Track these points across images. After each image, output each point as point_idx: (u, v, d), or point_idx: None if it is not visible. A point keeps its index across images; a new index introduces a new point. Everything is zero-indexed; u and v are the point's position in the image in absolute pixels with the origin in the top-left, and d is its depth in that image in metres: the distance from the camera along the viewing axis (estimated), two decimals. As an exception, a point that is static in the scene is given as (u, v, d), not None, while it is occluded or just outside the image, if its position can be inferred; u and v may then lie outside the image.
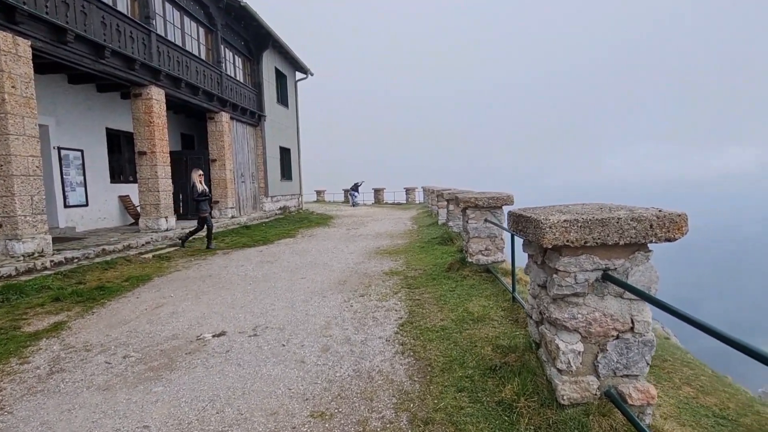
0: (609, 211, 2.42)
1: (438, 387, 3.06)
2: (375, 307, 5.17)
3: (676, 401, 5.40)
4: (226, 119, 15.02)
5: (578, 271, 2.40)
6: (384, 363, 3.56)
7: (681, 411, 4.59)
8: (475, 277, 6.01)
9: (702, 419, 4.89)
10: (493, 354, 3.29)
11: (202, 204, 9.89)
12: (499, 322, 4.22)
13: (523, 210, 2.83)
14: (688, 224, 2.27)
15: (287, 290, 6.21)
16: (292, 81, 22.18)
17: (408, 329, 4.30)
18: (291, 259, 8.84)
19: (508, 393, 2.70)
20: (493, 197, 5.94)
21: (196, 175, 10.00)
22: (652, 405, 2.44)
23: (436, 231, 11.81)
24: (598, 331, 2.43)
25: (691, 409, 5.15)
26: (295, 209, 21.58)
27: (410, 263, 7.80)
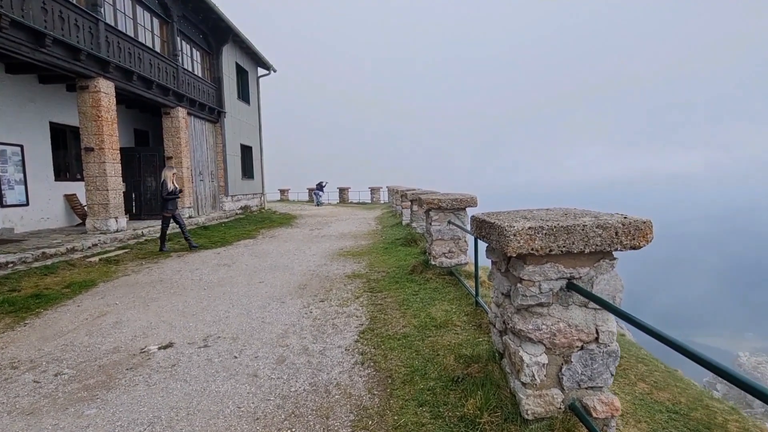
0: (574, 217, 2.33)
1: (398, 401, 2.91)
2: (335, 313, 4.97)
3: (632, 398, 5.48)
4: (183, 115, 14.38)
5: (543, 280, 2.30)
6: (342, 375, 3.38)
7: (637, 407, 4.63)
8: (438, 280, 5.91)
9: (656, 415, 4.97)
10: (455, 364, 3.17)
11: (168, 203, 9.62)
12: (462, 328, 4.12)
13: (486, 215, 2.72)
14: (653, 231, 2.21)
15: (244, 296, 5.92)
16: (254, 77, 21.57)
17: (369, 337, 4.14)
18: (250, 261, 8.50)
19: (470, 407, 2.58)
20: (457, 199, 5.85)
21: (170, 174, 9.71)
22: (616, 417, 2.38)
23: (400, 232, 11.71)
24: (563, 342, 2.33)
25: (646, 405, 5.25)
26: (257, 209, 21.01)
27: (373, 265, 7.64)
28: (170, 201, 9.63)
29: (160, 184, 9.71)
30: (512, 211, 2.84)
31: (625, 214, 2.32)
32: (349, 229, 14.19)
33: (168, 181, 9.61)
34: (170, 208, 9.66)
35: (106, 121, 10.50)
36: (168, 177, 9.65)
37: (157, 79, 12.74)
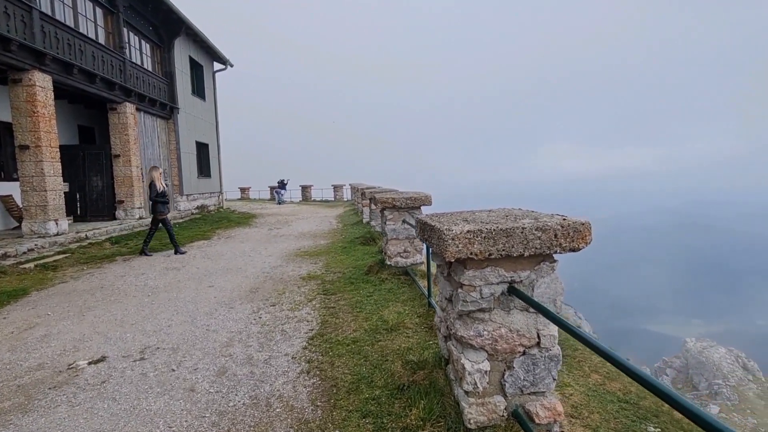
0: (514, 219, 2.26)
1: (342, 412, 2.78)
2: (286, 318, 4.78)
3: (585, 389, 5.58)
4: (132, 111, 13.68)
5: (484, 284, 2.22)
6: (286, 386, 3.21)
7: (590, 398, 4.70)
8: (393, 281, 5.82)
9: (608, 405, 5.08)
10: (402, 371, 3.06)
11: (159, 205, 9.18)
12: (414, 331, 4.03)
13: (428, 217, 2.62)
14: (591, 233, 2.16)
15: (191, 301, 5.63)
16: (209, 72, 20.82)
17: (318, 343, 3.98)
18: (201, 264, 8.14)
19: (413, 418, 2.48)
20: (411, 197, 5.77)
21: (156, 173, 9.22)
22: (558, 422, 2.33)
23: (360, 230, 11.57)
24: (505, 348, 2.27)
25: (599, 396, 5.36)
26: (215, 208, 20.35)
27: (330, 266, 7.46)
28: (160, 203, 9.18)
29: (147, 187, 9.26)
30: (456, 212, 2.76)
31: (565, 216, 2.27)
32: (309, 228, 13.93)
33: (156, 182, 9.14)
34: (160, 210, 9.21)
35: (43, 117, 9.80)
36: (155, 177, 9.17)
37: (101, 73, 12.03)
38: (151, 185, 9.15)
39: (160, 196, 9.15)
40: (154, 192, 9.12)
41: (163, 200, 9.24)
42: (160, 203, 9.18)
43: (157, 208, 9.19)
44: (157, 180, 9.17)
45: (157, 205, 9.18)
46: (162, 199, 9.19)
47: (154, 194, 9.12)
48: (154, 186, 9.14)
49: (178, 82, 16.96)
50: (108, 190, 13.50)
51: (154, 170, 9.31)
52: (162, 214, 9.24)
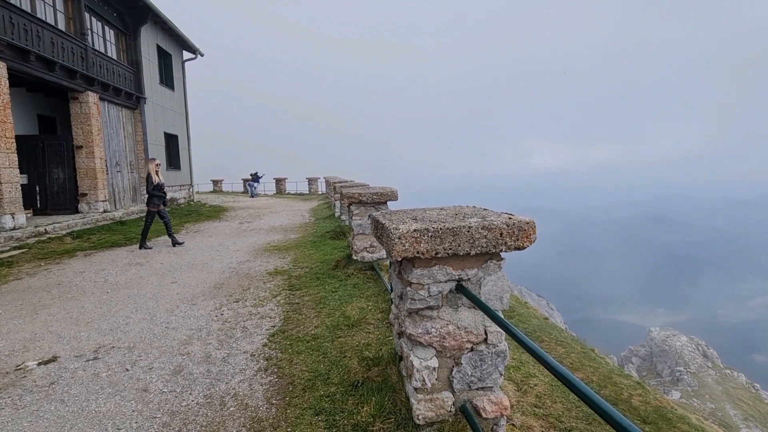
0: (462, 218, 2.28)
1: (296, 410, 2.77)
2: (248, 315, 4.73)
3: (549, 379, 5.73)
4: (95, 100, 13.20)
5: (432, 283, 2.24)
6: (242, 384, 3.18)
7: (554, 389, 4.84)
8: (359, 276, 5.82)
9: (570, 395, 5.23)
10: (358, 367, 3.08)
11: (154, 198, 9.18)
12: (375, 326, 4.05)
13: (381, 215, 2.62)
14: (536, 232, 2.20)
15: (151, 298, 5.50)
16: (178, 61, 20.26)
17: (278, 340, 3.96)
18: (166, 259, 7.96)
19: (364, 415, 2.49)
20: (377, 192, 5.77)
21: (153, 166, 9.24)
22: (505, 416, 2.39)
23: (332, 224, 11.52)
24: (453, 345, 2.30)
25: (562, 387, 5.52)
26: (185, 201, 19.91)
27: (298, 261, 7.42)
28: (156, 196, 9.16)
29: (145, 179, 9.36)
30: (408, 210, 2.77)
31: (511, 215, 2.31)
32: (280, 222, 13.79)
33: (153, 174, 9.12)
34: (155, 202, 9.19)
35: (-3, 105, 9.36)
36: (152, 170, 9.16)
37: (61, 60, 11.55)
38: (148, 177, 9.16)
39: (156, 189, 9.14)
40: (150, 184, 9.11)
41: (160, 193, 9.23)
42: (156, 196, 9.17)
43: (152, 200, 9.16)
44: (153, 172, 9.15)
45: (153, 198, 9.15)
46: (158, 192, 9.19)
47: (150, 186, 9.11)
48: (150, 178, 9.12)
49: (145, 71, 16.44)
50: (70, 183, 13.02)
51: (151, 162, 9.33)
52: (156, 207, 9.21)
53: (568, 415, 4.02)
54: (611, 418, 1.09)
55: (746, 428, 19.76)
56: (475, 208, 2.63)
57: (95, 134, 13.14)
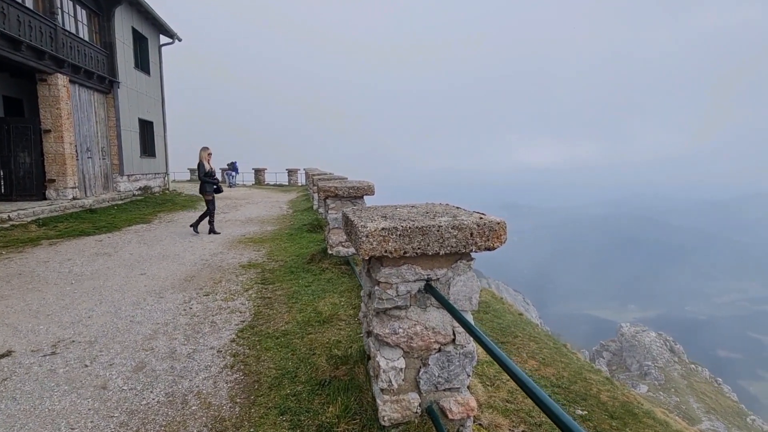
0: (433, 217, 2.24)
1: (260, 410, 2.70)
2: (218, 309, 4.62)
3: (522, 375, 5.78)
4: (64, 83, 12.69)
5: (400, 282, 2.19)
6: (207, 382, 3.09)
7: None
8: (334, 270, 5.75)
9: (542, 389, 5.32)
10: (326, 365, 3.02)
11: (206, 185, 9.40)
12: (347, 323, 3.99)
13: (352, 212, 2.55)
14: (506, 232, 2.17)
15: (118, 290, 5.33)
16: (155, 45, 19.64)
17: (247, 335, 3.87)
18: (136, 250, 7.73)
19: (329, 415, 2.44)
20: (353, 187, 5.69)
21: (204, 153, 9.40)
22: (471, 417, 2.37)
23: (310, 217, 11.39)
24: (420, 345, 2.26)
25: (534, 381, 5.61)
26: (160, 190, 19.42)
27: (273, 254, 7.29)
28: (207, 183, 9.36)
29: (197, 167, 9.53)
30: (379, 207, 2.71)
31: (482, 214, 2.27)
32: (258, 213, 13.57)
33: (204, 162, 9.33)
34: (207, 190, 9.41)
35: (-42, 85, 8.89)
36: (203, 157, 9.35)
37: (28, 40, 11.05)
38: (200, 165, 9.35)
39: (207, 176, 9.31)
40: (201, 171, 9.32)
41: (211, 180, 9.40)
42: (207, 182, 9.34)
43: (204, 187, 9.38)
44: (205, 160, 9.32)
45: (204, 185, 9.36)
46: (209, 180, 9.35)
47: (202, 173, 9.32)
48: (202, 166, 9.32)
49: (119, 55, 15.88)
50: (37, 168, 12.52)
51: (203, 150, 9.42)
52: (210, 194, 9.40)
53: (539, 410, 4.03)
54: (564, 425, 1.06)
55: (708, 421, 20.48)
56: (447, 207, 2.58)
57: (65, 118, 12.64)
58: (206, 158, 9.35)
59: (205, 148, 9.48)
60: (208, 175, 9.35)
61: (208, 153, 9.43)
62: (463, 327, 1.74)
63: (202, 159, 9.32)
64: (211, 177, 9.39)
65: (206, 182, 9.33)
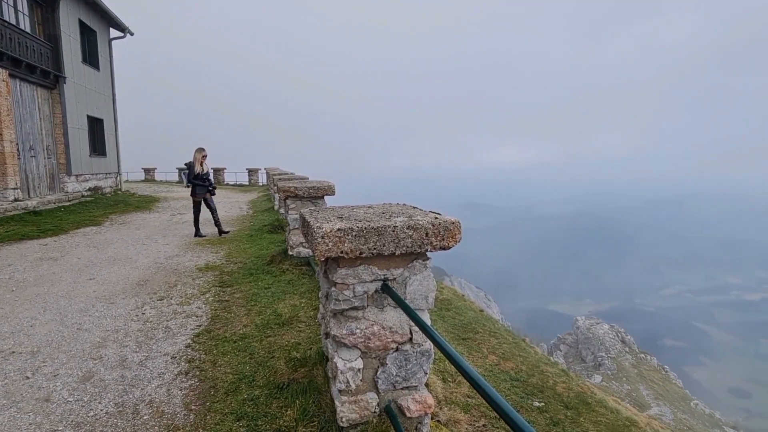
0: (389, 217, 2.25)
1: (216, 416, 2.63)
2: (173, 314, 4.47)
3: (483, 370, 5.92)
4: (3, 77, 11.88)
5: (357, 282, 2.19)
6: (160, 389, 2.99)
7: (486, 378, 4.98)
8: (294, 271, 5.68)
9: (501, 384, 5.45)
10: (285, 368, 2.98)
11: (196, 187, 9.18)
12: (307, 324, 3.96)
13: (308, 212, 2.53)
14: (461, 231, 2.21)
15: (64, 297, 5.05)
16: (104, 39, 18.73)
17: (203, 340, 3.76)
18: (85, 254, 7.36)
19: (287, 418, 2.41)
20: (314, 187, 5.64)
21: (198, 155, 9.13)
22: (429, 414, 2.40)
23: (270, 217, 11.20)
24: (378, 345, 2.27)
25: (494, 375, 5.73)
26: (111, 190, 18.55)
27: (232, 255, 7.13)
28: (197, 186, 9.15)
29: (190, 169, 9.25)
30: (336, 207, 2.71)
31: (438, 214, 2.31)
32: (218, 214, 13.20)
33: (196, 164, 9.10)
34: (198, 192, 9.17)
35: None
36: (196, 159, 9.10)
37: (-38, 30, 10.29)
38: (191, 166, 9.15)
39: (197, 178, 9.13)
40: (191, 174, 9.17)
41: (201, 183, 9.17)
42: (197, 185, 9.15)
43: (194, 190, 9.21)
44: (197, 162, 9.11)
45: (195, 188, 9.19)
46: (198, 182, 9.14)
47: (191, 176, 9.18)
48: (191, 167, 9.16)
49: (65, 48, 15.05)
50: (-27, 168, 11.68)
51: (197, 152, 9.17)
52: (199, 196, 9.20)
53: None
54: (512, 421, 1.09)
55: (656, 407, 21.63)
56: (404, 207, 2.61)
57: (4, 114, 11.85)
58: (200, 160, 9.10)
59: (200, 149, 9.19)
60: (198, 178, 9.11)
61: (203, 155, 9.17)
62: (418, 326, 1.76)
63: (195, 160, 9.10)
64: (200, 179, 9.13)
65: (196, 185, 9.14)
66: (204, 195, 9.26)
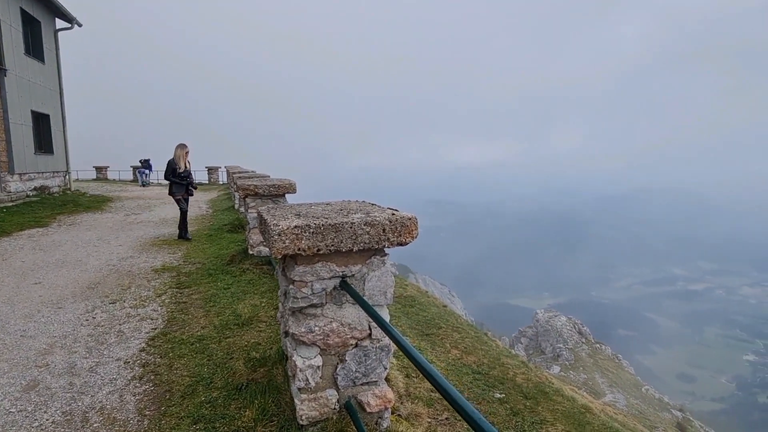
0: (346, 214, 2.26)
1: (172, 420, 2.56)
2: (126, 317, 4.30)
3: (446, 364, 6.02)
4: (-65, 68, 11.05)
5: (315, 280, 2.19)
6: (112, 396, 2.87)
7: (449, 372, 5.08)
8: (255, 271, 5.59)
9: (464, 377, 5.56)
10: (244, 369, 2.94)
11: (172, 186, 8.57)
12: (267, 324, 3.91)
13: (266, 210, 2.50)
14: (417, 227, 2.25)
15: (6, 302, 4.77)
16: (49, 29, 17.69)
17: (159, 344, 3.64)
18: (30, 257, 6.96)
19: (246, 419, 2.38)
20: (274, 185, 5.56)
21: (182, 152, 8.49)
22: (389, 408, 2.43)
23: (230, 216, 10.95)
24: (337, 342, 2.27)
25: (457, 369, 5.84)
26: (60, 190, 17.59)
27: (190, 256, 6.92)
28: (174, 183, 8.51)
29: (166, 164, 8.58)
30: (294, 205, 2.69)
31: (395, 210, 2.33)
32: (174, 213, 12.77)
33: (179, 161, 8.44)
34: (175, 191, 8.55)
35: None
36: (180, 156, 8.44)
37: None
38: (168, 163, 8.48)
39: (175, 177, 8.49)
40: (168, 171, 8.47)
41: (178, 181, 8.51)
42: (174, 183, 8.54)
43: (171, 188, 8.60)
44: (179, 159, 8.45)
45: (171, 186, 8.59)
46: (175, 179, 8.49)
47: (168, 173, 8.48)
48: (170, 165, 8.48)
49: (5, 39, 14.12)
50: None
51: (179, 149, 8.50)
52: (177, 195, 8.56)
53: (461, 397, 4.19)
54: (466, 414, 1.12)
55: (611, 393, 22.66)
56: (362, 204, 2.62)
57: (-64, 109, 11.01)
58: (182, 157, 8.47)
59: (181, 145, 8.54)
60: (177, 176, 8.47)
61: (186, 151, 8.53)
62: (376, 323, 1.78)
63: (176, 157, 8.45)
64: (178, 177, 8.47)
65: (173, 182, 8.53)
66: (182, 194, 8.62)
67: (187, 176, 8.67)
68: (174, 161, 8.47)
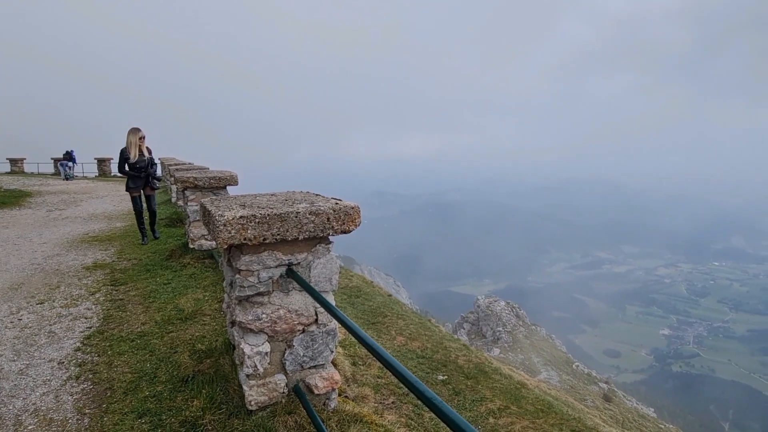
0: (291, 204, 2.32)
1: (115, 416, 2.52)
2: (56, 317, 4.08)
3: (392, 351, 6.23)
4: None
5: (261, 268, 2.24)
6: (46, 397, 2.76)
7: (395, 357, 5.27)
8: (197, 265, 5.47)
9: (409, 362, 5.79)
10: (189, 361, 2.93)
11: (129, 179, 7.07)
12: (212, 317, 3.88)
13: (210, 201, 2.50)
14: (360, 216, 2.36)
15: None
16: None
17: (95, 342, 3.51)
18: (-63, 258, 6.33)
19: (194, 408, 2.40)
20: (215, 177, 5.45)
21: (135, 138, 6.90)
22: (336, 389, 2.54)
23: (168, 210, 10.51)
24: (284, 329, 2.34)
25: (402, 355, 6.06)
26: (-32, 184, 15.96)
27: (124, 252, 6.61)
28: (132, 177, 7.01)
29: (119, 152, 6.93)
30: (239, 195, 2.71)
31: (339, 200, 2.43)
32: (103, 208, 12.04)
33: (131, 148, 6.86)
34: (132, 185, 7.05)
35: None
36: (132, 142, 6.85)
37: None
38: (121, 152, 6.93)
39: (132, 169, 6.97)
40: (121, 163, 6.96)
41: (136, 173, 7.02)
42: (131, 176, 7.04)
43: (127, 183, 7.12)
44: (132, 146, 6.89)
45: (129, 180, 7.09)
46: (132, 172, 6.99)
47: (121, 165, 6.99)
48: (123, 154, 6.93)
49: None
50: None
51: (131, 134, 6.93)
52: (134, 191, 7.11)
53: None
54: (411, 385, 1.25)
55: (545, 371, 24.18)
56: (307, 194, 2.69)
57: None
58: (135, 144, 6.90)
59: (133, 130, 6.96)
60: (131, 167, 6.98)
61: (140, 137, 6.95)
62: (323, 307, 1.87)
63: (128, 144, 6.91)
64: (138, 170, 7.01)
65: (130, 176, 7.06)
66: (140, 189, 7.20)
67: (144, 167, 7.09)
68: (126, 150, 6.97)
